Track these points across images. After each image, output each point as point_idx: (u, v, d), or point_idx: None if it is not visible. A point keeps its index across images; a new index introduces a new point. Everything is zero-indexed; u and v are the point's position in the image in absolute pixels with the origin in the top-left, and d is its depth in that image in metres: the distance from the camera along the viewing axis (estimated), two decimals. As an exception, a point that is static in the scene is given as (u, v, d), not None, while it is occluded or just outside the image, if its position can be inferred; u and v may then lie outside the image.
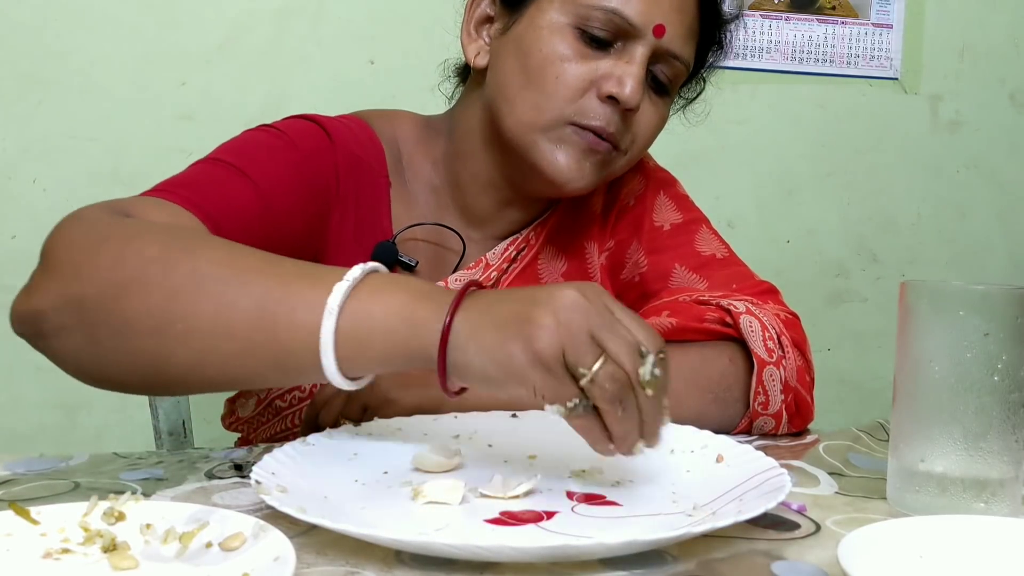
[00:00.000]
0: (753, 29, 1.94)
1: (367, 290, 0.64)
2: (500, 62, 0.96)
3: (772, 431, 0.91)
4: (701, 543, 0.60)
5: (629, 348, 0.61)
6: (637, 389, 0.61)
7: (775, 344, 0.90)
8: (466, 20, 1.00)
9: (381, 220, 0.98)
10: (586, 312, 0.61)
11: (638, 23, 0.90)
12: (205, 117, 1.64)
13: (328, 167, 0.93)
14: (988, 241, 2.11)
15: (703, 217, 1.08)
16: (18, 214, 1.60)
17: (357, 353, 0.63)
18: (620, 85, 0.90)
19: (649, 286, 1.03)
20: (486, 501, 0.66)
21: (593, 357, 0.60)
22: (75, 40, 1.59)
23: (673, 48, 0.92)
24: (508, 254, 1.03)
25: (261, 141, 0.91)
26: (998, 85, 2.07)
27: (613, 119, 0.92)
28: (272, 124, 0.94)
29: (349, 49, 1.71)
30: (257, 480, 0.63)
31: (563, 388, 0.61)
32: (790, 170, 2.00)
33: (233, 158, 0.87)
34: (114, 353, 0.66)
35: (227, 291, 0.64)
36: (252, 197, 0.84)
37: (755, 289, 0.99)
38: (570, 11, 0.91)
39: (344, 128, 0.97)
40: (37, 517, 0.56)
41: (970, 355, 0.65)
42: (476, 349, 0.61)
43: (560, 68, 0.91)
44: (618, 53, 0.91)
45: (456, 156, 1.01)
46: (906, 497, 0.68)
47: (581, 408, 0.61)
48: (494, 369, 0.61)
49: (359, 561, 0.56)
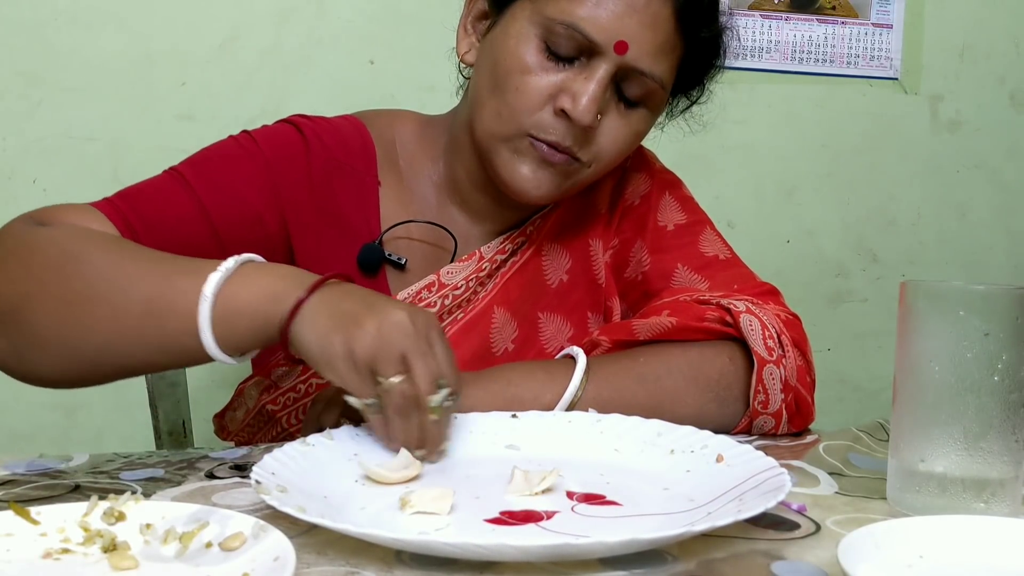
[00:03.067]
0: (753, 29, 1.94)
1: (239, 277, 0.73)
2: (480, 63, 0.97)
3: (772, 430, 0.91)
4: (701, 543, 0.60)
5: (429, 376, 0.70)
6: (424, 410, 0.70)
7: (775, 343, 0.90)
8: (464, 14, 1.00)
9: (369, 221, 0.99)
10: (407, 335, 0.69)
11: (599, 40, 0.89)
12: (205, 117, 1.64)
13: (298, 174, 0.95)
14: (988, 241, 2.11)
15: (707, 219, 1.08)
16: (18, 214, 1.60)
17: (231, 331, 0.72)
18: (573, 102, 0.89)
19: (651, 285, 1.03)
20: (486, 501, 0.66)
21: (395, 371, 0.69)
22: (75, 40, 1.59)
23: (640, 65, 0.90)
24: (504, 248, 1.03)
25: (227, 151, 0.94)
26: (998, 85, 2.07)
27: (569, 134, 0.91)
28: (252, 130, 0.97)
29: (349, 49, 1.71)
30: (257, 480, 0.63)
31: (363, 387, 0.70)
32: (790, 170, 2.00)
33: (189, 168, 0.92)
34: (33, 356, 0.76)
35: (117, 292, 0.74)
36: (191, 209, 0.89)
37: (756, 290, 0.99)
38: (537, 22, 0.90)
39: (330, 132, 0.98)
40: (37, 517, 0.56)
41: (970, 355, 0.65)
42: (311, 329, 0.71)
43: (521, 80, 0.91)
44: (580, 68, 0.90)
45: (454, 152, 1.02)
46: (906, 497, 0.68)
47: (374, 408, 0.71)
48: (317, 351, 0.71)
49: (359, 561, 0.56)
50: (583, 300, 1.05)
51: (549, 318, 1.04)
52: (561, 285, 1.05)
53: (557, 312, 1.05)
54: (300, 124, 0.98)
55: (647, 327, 0.91)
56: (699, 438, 0.77)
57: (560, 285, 1.05)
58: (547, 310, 1.04)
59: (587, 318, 1.05)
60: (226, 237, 0.90)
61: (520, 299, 1.03)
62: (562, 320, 1.05)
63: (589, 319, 1.06)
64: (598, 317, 1.06)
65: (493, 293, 1.02)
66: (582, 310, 1.06)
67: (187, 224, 0.89)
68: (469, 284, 1.00)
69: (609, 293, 1.06)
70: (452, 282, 1.00)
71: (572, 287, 1.05)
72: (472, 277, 1.00)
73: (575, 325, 1.05)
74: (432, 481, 0.70)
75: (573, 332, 1.05)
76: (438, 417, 0.71)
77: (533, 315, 1.04)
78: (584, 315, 1.06)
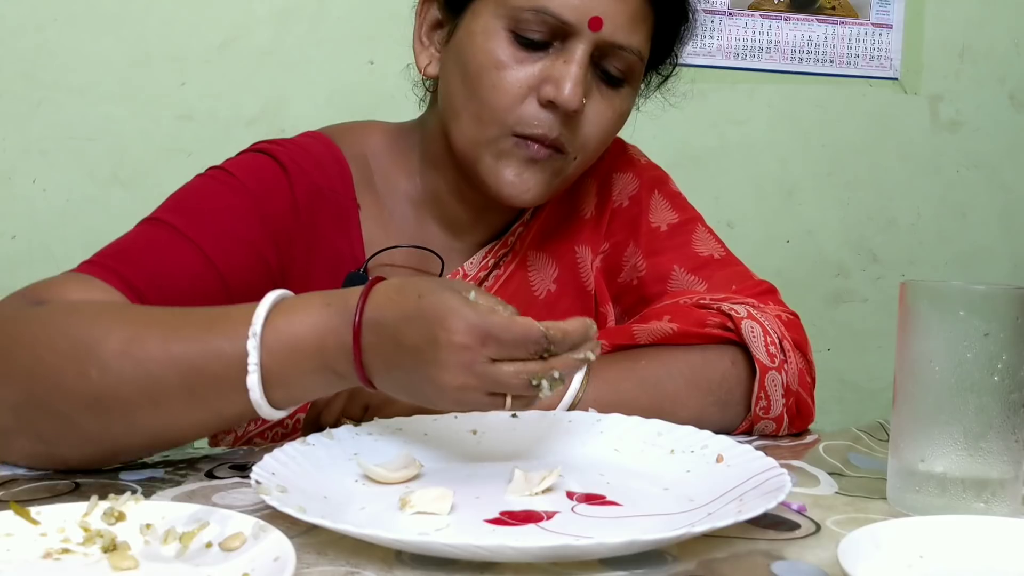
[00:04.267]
0: (753, 29, 1.94)
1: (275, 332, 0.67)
2: (446, 72, 0.93)
3: (773, 433, 0.91)
4: (701, 543, 0.60)
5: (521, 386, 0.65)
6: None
7: (777, 349, 0.89)
8: (417, 26, 0.96)
9: (352, 247, 0.94)
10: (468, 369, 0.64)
11: (571, 19, 0.85)
12: (205, 117, 1.64)
13: (284, 204, 0.90)
14: (988, 241, 2.11)
15: (698, 215, 1.06)
16: (18, 214, 1.60)
17: (287, 393, 0.69)
18: (557, 88, 0.86)
19: (648, 289, 1.01)
20: (486, 502, 0.66)
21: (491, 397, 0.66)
22: (75, 40, 1.59)
23: (617, 39, 0.87)
24: (486, 263, 1.00)
25: (209, 191, 0.89)
26: (998, 85, 2.07)
27: (555, 124, 0.88)
28: (223, 165, 0.91)
29: (349, 49, 1.71)
30: (257, 480, 0.63)
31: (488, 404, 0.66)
32: (790, 170, 2.00)
33: (176, 216, 0.85)
34: (63, 443, 0.70)
35: (149, 380, 0.67)
36: (192, 257, 0.83)
37: (755, 290, 0.98)
38: (503, 14, 0.87)
39: (303, 154, 0.93)
40: (37, 517, 0.56)
41: (970, 355, 0.65)
42: (387, 388, 0.68)
43: (496, 76, 0.87)
44: (556, 53, 0.87)
45: (428, 165, 0.98)
46: (906, 497, 0.68)
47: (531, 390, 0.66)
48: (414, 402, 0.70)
49: (359, 561, 0.56)
50: (572, 308, 1.02)
51: None
52: (549, 295, 1.02)
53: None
54: (274, 152, 0.92)
55: (648, 332, 0.90)
56: (699, 438, 0.77)
57: (548, 295, 1.02)
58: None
59: None
60: (233, 282, 0.84)
61: None
62: None
63: None
64: None
65: None
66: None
67: (194, 276, 0.83)
68: None
69: (602, 300, 1.03)
70: None
71: (560, 296, 1.02)
72: None
73: None
74: (432, 481, 0.70)
75: None
76: (558, 388, 0.67)
77: None
78: None
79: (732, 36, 1.93)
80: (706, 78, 1.91)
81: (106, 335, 0.68)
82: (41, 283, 0.77)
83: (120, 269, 0.79)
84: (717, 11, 1.92)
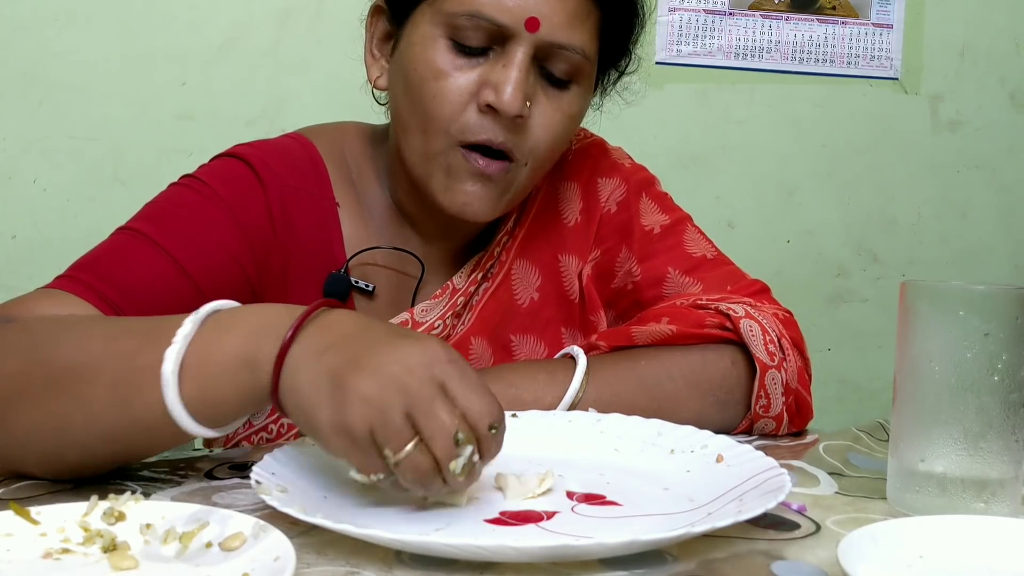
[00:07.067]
0: (753, 29, 1.94)
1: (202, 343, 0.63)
2: (393, 85, 0.92)
3: (773, 431, 0.91)
4: (701, 543, 0.60)
5: (443, 437, 0.58)
6: (446, 474, 0.59)
7: (776, 347, 0.89)
8: (368, 39, 0.95)
9: (332, 247, 0.94)
10: (406, 391, 0.58)
11: (506, 22, 0.83)
12: (205, 117, 1.64)
13: (258, 208, 0.89)
14: (988, 241, 2.11)
15: (686, 215, 1.06)
16: (18, 214, 1.60)
17: (213, 410, 0.64)
18: (497, 93, 0.84)
19: (643, 293, 1.01)
20: (486, 502, 0.66)
21: (403, 441, 0.58)
22: (75, 40, 1.59)
23: (557, 39, 0.85)
24: (475, 277, 0.99)
25: (183, 199, 0.88)
26: (998, 85, 2.07)
27: (500, 130, 0.85)
28: (195, 173, 0.90)
29: (349, 49, 1.71)
30: (257, 480, 0.63)
31: (369, 462, 0.59)
32: (790, 170, 2.00)
33: (149, 225, 0.85)
34: (14, 456, 0.69)
35: (82, 384, 0.65)
36: (165, 267, 0.83)
37: (749, 290, 0.99)
38: (439, 21, 0.85)
39: (277, 157, 0.92)
40: (37, 517, 0.56)
41: (970, 355, 0.65)
42: (292, 397, 0.61)
43: (436, 86, 0.85)
44: (496, 57, 0.85)
45: (392, 176, 0.98)
46: (906, 497, 0.68)
47: (388, 482, 0.60)
48: (305, 428, 0.62)
49: (359, 561, 0.56)
50: (555, 316, 1.02)
51: (522, 339, 1.01)
52: (532, 304, 1.01)
53: (530, 332, 1.01)
54: (245, 155, 0.91)
55: (646, 334, 0.90)
56: (699, 438, 0.77)
57: (531, 304, 1.01)
58: (519, 331, 1.01)
59: (561, 333, 1.03)
60: (207, 288, 0.84)
61: (495, 325, 1.00)
62: (535, 339, 1.02)
63: (563, 334, 1.03)
64: (572, 331, 1.03)
65: (469, 325, 0.98)
66: (555, 326, 1.02)
67: (166, 284, 0.82)
68: (446, 322, 0.96)
69: (592, 307, 1.02)
70: (428, 320, 0.96)
71: (543, 304, 1.02)
72: (448, 314, 0.96)
73: (548, 343, 1.02)
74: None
75: (547, 350, 1.01)
76: (463, 478, 0.60)
77: (505, 338, 1.00)
78: (557, 331, 1.03)
79: (732, 36, 1.93)
80: (706, 78, 1.91)
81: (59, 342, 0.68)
82: (14, 300, 0.78)
83: (92, 282, 0.79)
84: (717, 11, 1.92)
